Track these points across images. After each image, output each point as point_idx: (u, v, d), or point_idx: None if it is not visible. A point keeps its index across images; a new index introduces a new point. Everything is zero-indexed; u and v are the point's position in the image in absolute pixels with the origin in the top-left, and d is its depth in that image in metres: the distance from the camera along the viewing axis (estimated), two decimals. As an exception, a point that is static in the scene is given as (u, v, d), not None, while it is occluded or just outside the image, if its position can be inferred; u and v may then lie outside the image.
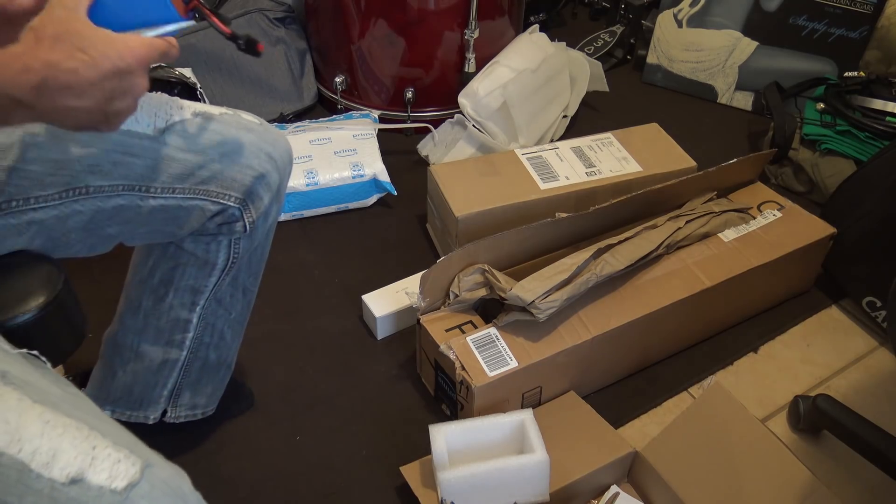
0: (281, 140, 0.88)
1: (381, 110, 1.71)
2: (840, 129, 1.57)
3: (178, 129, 0.80)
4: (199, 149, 0.80)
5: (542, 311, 1.08)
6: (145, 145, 0.78)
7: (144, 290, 0.96)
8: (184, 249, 0.90)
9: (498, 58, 1.66)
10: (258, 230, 0.90)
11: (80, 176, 0.76)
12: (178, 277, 0.93)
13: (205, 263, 0.91)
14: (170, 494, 0.56)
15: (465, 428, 1.02)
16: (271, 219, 0.92)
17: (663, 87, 1.99)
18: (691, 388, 1.26)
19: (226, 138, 0.82)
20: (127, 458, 0.55)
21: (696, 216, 1.29)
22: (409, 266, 1.36)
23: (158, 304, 0.95)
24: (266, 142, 0.85)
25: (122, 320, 1.00)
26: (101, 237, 0.82)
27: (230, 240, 0.89)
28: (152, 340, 0.98)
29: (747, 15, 1.81)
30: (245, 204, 0.85)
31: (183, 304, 0.95)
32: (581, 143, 1.47)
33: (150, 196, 0.80)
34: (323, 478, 1.11)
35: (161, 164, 0.79)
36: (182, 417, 1.06)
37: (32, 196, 0.74)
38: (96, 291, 1.06)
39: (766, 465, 0.98)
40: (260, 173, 0.84)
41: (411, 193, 1.56)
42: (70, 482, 0.52)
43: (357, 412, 1.20)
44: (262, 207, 0.87)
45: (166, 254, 0.92)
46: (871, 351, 1.34)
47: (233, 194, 0.84)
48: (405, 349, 1.29)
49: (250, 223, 0.87)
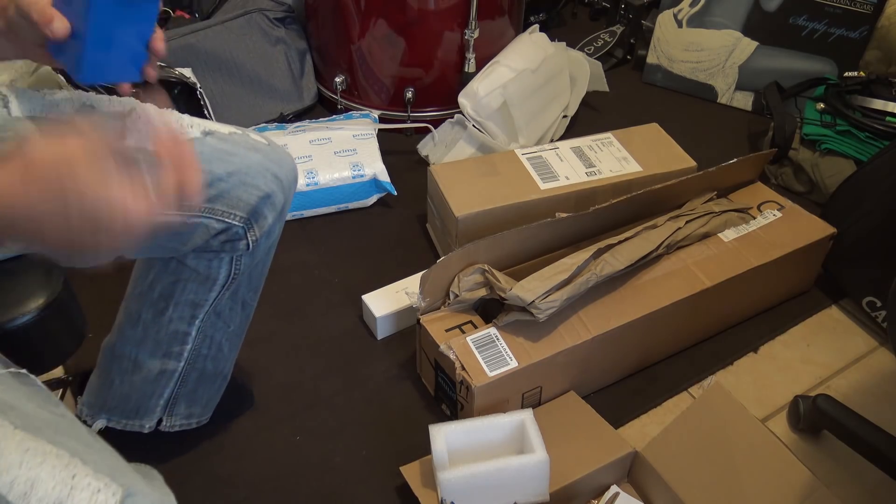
0: (287, 160, 0.88)
1: (381, 110, 1.71)
2: (840, 129, 1.57)
3: None
4: (206, 168, 0.81)
5: (542, 311, 1.08)
6: None
7: (144, 303, 0.96)
8: (186, 265, 0.91)
9: (498, 58, 1.66)
10: (260, 248, 0.91)
11: None
12: (178, 292, 0.93)
13: (206, 279, 0.92)
14: None
15: (465, 428, 1.02)
16: (274, 237, 0.92)
17: (663, 87, 1.99)
18: (691, 388, 1.26)
19: (233, 158, 0.82)
20: (107, 488, 0.54)
21: (696, 216, 1.29)
22: (409, 266, 1.36)
23: (158, 317, 0.95)
24: (273, 161, 0.86)
25: (121, 331, 1.00)
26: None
27: (232, 256, 0.90)
28: (150, 352, 0.98)
29: (747, 15, 1.81)
30: (249, 223, 0.86)
31: (182, 318, 0.95)
32: (581, 143, 1.47)
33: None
34: (323, 478, 1.11)
35: None
36: (177, 426, 1.06)
37: None
38: (96, 292, 1.06)
39: (766, 465, 0.98)
40: (266, 193, 0.85)
41: (411, 193, 1.56)
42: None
43: (357, 412, 1.20)
44: (266, 226, 0.88)
45: (167, 269, 0.92)
46: (871, 351, 1.34)
47: (238, 213, 0.84)
48: (405, 349, 1.29)
49: (253, 241, 0.88)
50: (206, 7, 1.76)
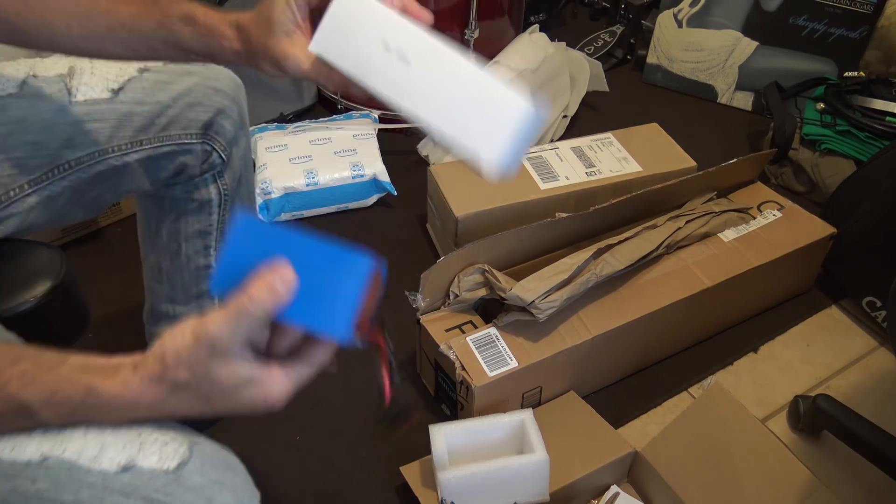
0: (223, 73, 0.92)
1: (382, 110, 1.71)
2: (840, 129, 1.57)
3: (131, 86, 0.84)
4: (153, 99, 0.85)
5: (542, 311, 1.08)
6: (106, 108, 0.82)
7: (159, 252, 1.01)
8: (178, 199, 0.95)
9: (498, 58, 1.66)
10: (233, 158, 0.94)
11: (59, 153, 0.80)
12: (183, 227, 0.98)
13: (201, 205, 0.96)
14: (220, 466, 0.58)
15: (465, 428, 1.02)
16: (242, 145, 0.96)
17: (663, 87, 1.99)
18: (691, 388, 1.26)
19: (173, 85, 0.86)
20: (174, 440, 0.56)
21: (696, 216, 1.29)
22: (409, 266, 1.36)
23: (176, 259, 1.00)
24: (209, 78, 0.89)
25: (151, 291, 1.06)
26: (90, 203, 0.87)
27: (213, 175, 0.94)
28: (184, 299, 1.03)
29: (747, 15, 1.81)
30: (208, 137, 0.89)
31: (197, 252, 0.99)
32: (581, 143, 1.47)
33: (122, 154, 0.84)
34: (323, 478, 1.11)
35: (124, 122, 0.83)
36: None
37: (24, 182, 0.79)
38: (96, 292, 1.06)
39: (766, 465, 0.98)
40: (215, 108, 0.89)
41: (411, 193, 1.56)
42: (122, 470, 0.53)
43: (357, 412, 1.20)
44: (228, 136, 0.91)
45: (164, 210, 0.97)
46: (871, 351, 1.34)
47: (192, 132, 0.88)
48: (405, 349, 1.29)
49: (223, 152, 0.92)
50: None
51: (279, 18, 0.62)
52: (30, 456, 0.53)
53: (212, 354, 0.50)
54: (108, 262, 1.41)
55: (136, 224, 1.04)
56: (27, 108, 0.79)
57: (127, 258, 1.42)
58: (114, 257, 1.42)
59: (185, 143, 0.88)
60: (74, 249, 1.42)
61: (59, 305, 0.75)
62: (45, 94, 0.80)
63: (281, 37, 0.62)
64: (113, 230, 1.47)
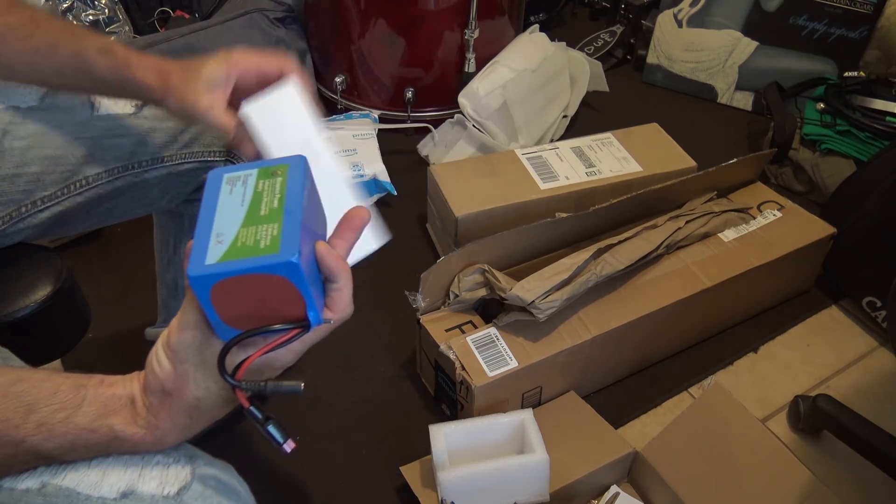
0: None
1: (381, 110, 1.71)
2: (840, 129, 1.57)
3: None
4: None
5: (542, 311, 1.08)
6: (128, 124, 0.81)
7: (178, 270, 0.99)
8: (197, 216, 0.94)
9: (498, 58, 1.66)
10: None
11: (77, 168, 0.78)
12: None
13: None
14: (221, 490, 0.56)
15: (465, 428, 1.02)
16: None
17: (663, 87, 1.99)
18: (691, 388, 1.26)
19: None
20: (177, 462, 0.55)
21: (696, 216, 1.29)
22: (409, 266, 1.36)
23: None
24: None
25: (168, 307, 1.04)
26: (101, 215, 0.86)
27: None
28: None
29: (747, 15, 1.81)
30: (233, 154, 0.88)
31: None
32: (581, 143, 1.47)
33: (143, 171, 0.83)
34: (323, 478, 1.11)
35: (146, 138, 0.82)
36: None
37: (38, 199, 0.77)
38: (96, 292, 1.06)
39: (766, 465, 0.98)
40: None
41: (411, 193, 1.56)
42: (121, 497, 0.52)
43: (357, 412, 1.20)
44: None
45: (182, 227, 0.95)
46: (871, 351, 1.34)
47: (216, 149, 0.87)
48: (405, 349, 1.29)
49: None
50: (206, 7, 1.76)
51: (210, 72, 0.67)
52: (28, 484, 0.52)
53: (201, 362, 0.51)
54: (108, 262, 1.41)
55: (153, 241, 1.02)
56: (48, 121, 0.77)
57: (127, 258, 1.43)
58: (114, 258, 1.42)
59: (209, 161, 0.86)
60: (74, 250, 1.42)
61: (59, 310, 0.75)
62: (66, 107, 0.78)
63: (203, 87, 0.67)
64: (113, 230, 1.47)
